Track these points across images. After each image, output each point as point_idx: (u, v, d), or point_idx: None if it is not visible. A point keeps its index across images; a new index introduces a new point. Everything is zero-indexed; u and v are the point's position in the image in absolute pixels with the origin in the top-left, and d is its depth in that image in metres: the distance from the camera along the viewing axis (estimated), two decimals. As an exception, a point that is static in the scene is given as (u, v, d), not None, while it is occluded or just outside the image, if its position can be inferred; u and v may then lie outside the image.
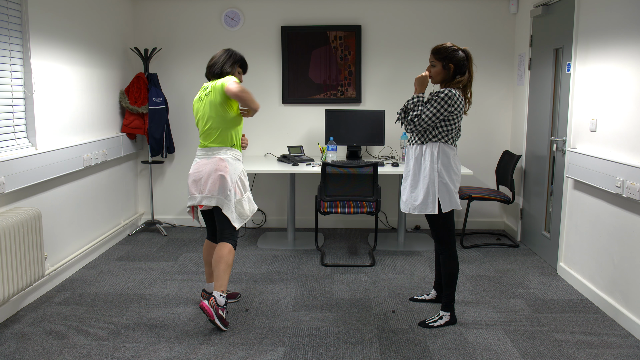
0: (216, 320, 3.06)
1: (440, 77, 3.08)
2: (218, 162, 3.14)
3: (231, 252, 3.16)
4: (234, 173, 3.17)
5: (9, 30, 3.36)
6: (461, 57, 3.04)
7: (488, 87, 5.20)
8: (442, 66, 3.04)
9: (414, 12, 5.14)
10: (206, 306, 3.02)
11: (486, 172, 5.31)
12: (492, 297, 3.63)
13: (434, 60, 3.07)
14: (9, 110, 3.40)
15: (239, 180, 3.21)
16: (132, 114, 4.90)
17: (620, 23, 3.28)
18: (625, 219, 3.22)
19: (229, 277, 3.17)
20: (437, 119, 3.00)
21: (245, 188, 3.26)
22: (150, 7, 5.19)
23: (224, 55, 3.25)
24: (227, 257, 3.14)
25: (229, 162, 3.16)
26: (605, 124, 3.44)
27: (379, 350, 2.92)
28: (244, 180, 3.26)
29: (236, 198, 3.17)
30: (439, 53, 3.05)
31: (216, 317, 3.06)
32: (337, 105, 5.23)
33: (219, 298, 3.09)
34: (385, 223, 5.40)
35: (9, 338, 3.01)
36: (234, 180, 3.16)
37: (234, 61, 3.27)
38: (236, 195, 3.17)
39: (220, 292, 3.10)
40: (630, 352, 2.90)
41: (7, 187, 3.20)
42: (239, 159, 3.25)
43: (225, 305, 3.13)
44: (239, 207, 3.19)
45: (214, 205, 3.15)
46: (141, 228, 5.20)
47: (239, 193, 3.20)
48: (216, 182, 3.12)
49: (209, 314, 3.02)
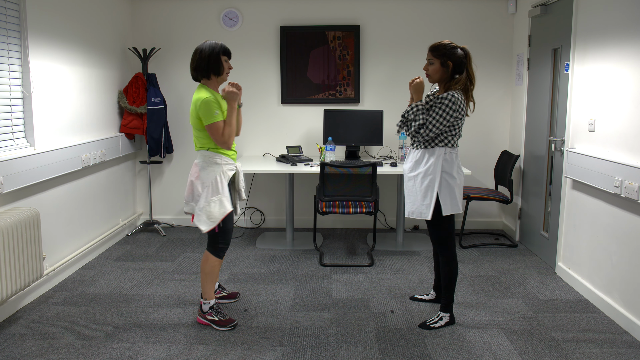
0: (212, 325, 3.16)
1: (438, 76, 3.01)
2: (192, 168, 3.16)
3: (209, 260, 3.16)
4: (206, 177, 3.07)
5: (7, 30, 3.35)
6: (460, 55, 2.96)
7: (486, 87, 5.20)
8: (440, 64, 2.97)
9: (413, 12, 5.14)
10: (201, 321, 3.21)
11: (485, 172, 5.32)
12: (490, 297, 3.63)
13: (432, 57, 2.99)
14: (7, 111, 3.39)
15: (213, 182, 3.06)
16: (130, 114, 4.90)
17: (619, 23, 3.28)
18: (624, 218, 3.22)
19: (211, 284, 3.19)
20: (444, 126, 2.94)
21: (218, 190, 3.06)
22: (149, 7, 5.19)
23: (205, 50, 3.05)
24: (204, 266, 3.17)
25: (200, 167, 3.11)
26: (604, 123, 3.45)
27: (378, 350, 2.92)
28: (219, 181, 3.07)
29: (207, 199, 3.05)
30: (437, 50, 2.97)
31: (208, 321, 3.18)
32: (336, 105, 5.23)
33: (203, 306, 3.21)
34: (384, 223, 5.40)
35: (8, 338, 3.01)
36: (205, 184, 3.07)
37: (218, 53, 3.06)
38: (209, 197, 3.06)
39: (203, 300, 3.21)
40: (629, 352, 2.90)
41: (6, 187, 3.19)
42: (217, 162, 3.09)
43: (211, 309, 3.19)
44: (207, 208, 3.05)
45: (189, 211, 3.16)
46: (140, 228, 5.19)
47: (210, 195, 3.06)
48: (188, 188, 3.14)
49: (202, 323, 3.20)
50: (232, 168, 3.18)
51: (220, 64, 3.09)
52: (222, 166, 3.11)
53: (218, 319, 3.16)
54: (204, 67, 3.07)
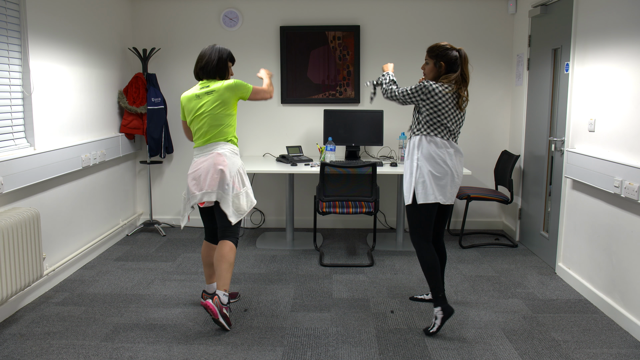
0: (220, 319, 3.04)
1: (431, 75, 3.14)
2: (216, 157, 3.15)
3: (232, 249, 3.16)
4: (233, 167, 3.18)
5: (7, 31, 3.35)
6: (453, 56, 3.07)
7: (487, 87, 5.20)
8: (433, 64, 3.11)
9: (413, 13, 5.14)
10: (210, 305, 2.99)
11: (485, 172, 5.32)
12: (490, 297, 3.63)
13: (427, 58, 3.16)
14: (8, 111, 3.39)
15: (238, 174, 3.21)
16: (130, 114, 4.90)
17: (619, 23, 3.29)
18: (624, 218, 3.22)
19: (231, 275, 3.16)
20: (405, 98, 3.12)
21: (243, 182, 3.24)
22: (149, 7, 5.19)
23: (214, 54, 3.20)
24: (229, 255, 3.12)
25: (226, 157, 3.16)
26: (604, 124, 3.45)
27: (378, 350, 2.92)
28: (242, 174, 3.25)
29: (234, 192, 3.16)
30: (431, 51, 3.13)
31: (220, 315, 3.04)
32: (336, 106, 5.23)
33: (222, 297, 3.06)
34: (384, 223, 5.40)
35: (8, 338, 3.01)
36: (232, 174, 3.16)
37: (226, 59, 3.26)
38: (234, 189, 3.16)
39: (223, 291, 3.08)
40: (629, 352, 2.91)
41: (6, 188, 3.19)
42: (236, 153, 3.25)
43: (228, 304, 3.12)
44: (236, 201, 3.17)
45: (214, 200, 3.15)
46: (140, 228, 5.20)
47: (238, 187, 3.19)
48: (215, 176, 3.12)
49: (213, 312, 3.00)
50: None
51: (227, 70, 3.26)
52: (240, 159, 3.27)
53: (228, 315, 3.13)
54: (211, 70, 3.19)
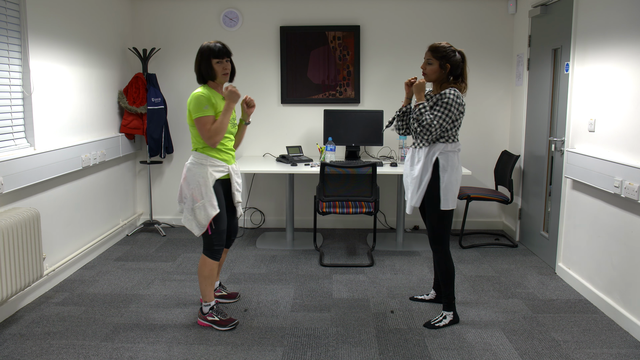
0: (212, 325, 3.17)
1: (435, 76, 3.09)
2: (184, 169, 3.15)
3: (204, 263, 3.14)
4: (192, 179, 3.04)
5: (7, 31, 3.35)
6: (458, 59, 3.06)
7: (487, 87, 5.21)
8: (439, 65, 3.05)
9: (413, 13, 5.14)
10: (201, 323, 3.21)
11: (485, 172, 5.32)
12: (490, 297, 3.63)
13: (432, 58, 3.06)
14: (8, 111, 3.39)
15: (196, 186, 3.02)
16: (130, 114, 4.90)
17: (619, 23, 3.29)
18: (624, 219, 3.22)
19: (211, 286, 3.18)
20: (452, 120, 3.02)
21: (201, 195, 3.02)
22: (149, 7, 5.19)
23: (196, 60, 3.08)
24: (202, 270, 3.16)
25: (187, 168, 3.09)
26: (604, 124, 3.45)
27: (378, 350, 2.92)
28: (201, 185, 3.02)
29: (195, 204, 3.04)
30: (437, 52, 3.05)
31: (209, 322, 3.18)
32: (336, 106, 5.23)
33: (203, 308, 3.21)
34: (384, 223, 5.40)
35: (7, 339, 3.01)
36: (191, 187, 3.05)
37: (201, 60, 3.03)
38: (194, 202, 3.04)
39: (202, 303, 3.22)
40: (629, 352, 2.90)
41: (6, 188, 3.19)
42: (201, 163, 3.04)
43: (211, 309, 3.19)
44: (194, 214, 3.06)
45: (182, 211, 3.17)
46: (140, 228, 5.19)
47: (197, 198, 3.03)
48: (179, 189, 3.15)
49: (203, 325, 3.20)
50: (221, 170, 3.09)
51: (211, 68, 3.02)
52: (206, 168, 3.03)
53: (219, 319, 3.16)
54: (198, 72, 3.08)
